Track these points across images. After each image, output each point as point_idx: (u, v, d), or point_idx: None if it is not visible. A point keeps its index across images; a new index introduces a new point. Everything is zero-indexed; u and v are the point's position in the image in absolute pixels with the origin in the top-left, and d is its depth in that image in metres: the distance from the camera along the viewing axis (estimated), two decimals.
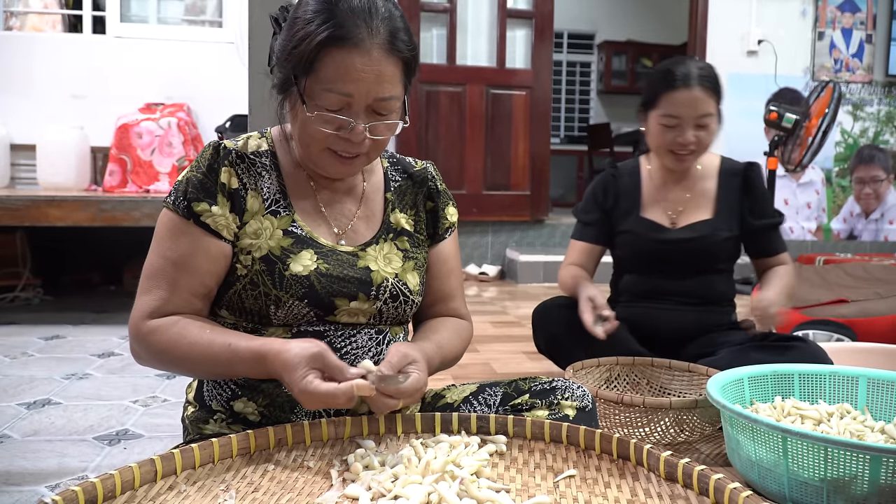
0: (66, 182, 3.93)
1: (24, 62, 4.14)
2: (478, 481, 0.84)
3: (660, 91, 1.86)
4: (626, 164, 2.11)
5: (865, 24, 5.24)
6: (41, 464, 1.60)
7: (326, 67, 0.99)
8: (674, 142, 1.86)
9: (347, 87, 0.99)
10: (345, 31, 0.98)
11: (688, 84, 1.81)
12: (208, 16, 4.54)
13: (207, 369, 1.02)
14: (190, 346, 1.00)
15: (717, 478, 0.80)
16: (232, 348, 0.98)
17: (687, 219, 1.96)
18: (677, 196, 1.99)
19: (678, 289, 1.93)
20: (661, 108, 1.86)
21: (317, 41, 0.98)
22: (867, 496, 1.16)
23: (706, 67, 1.86)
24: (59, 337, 2.92)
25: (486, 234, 4.98)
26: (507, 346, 2.82)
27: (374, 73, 0.99)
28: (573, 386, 1.12)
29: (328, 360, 0.94)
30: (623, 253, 2.04)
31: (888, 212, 5.45)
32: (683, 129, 1.84)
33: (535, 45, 4.97)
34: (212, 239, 1.04)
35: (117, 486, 0.79)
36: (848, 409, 1.49)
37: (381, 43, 1.00)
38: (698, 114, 1.83)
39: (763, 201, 1.97)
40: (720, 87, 1.87)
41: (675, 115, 1.84)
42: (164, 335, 1.01)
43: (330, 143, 1.03)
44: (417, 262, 1.18)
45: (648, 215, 1.99)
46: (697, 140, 1.85)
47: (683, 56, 1.93)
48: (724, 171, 1.98)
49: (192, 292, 1.04)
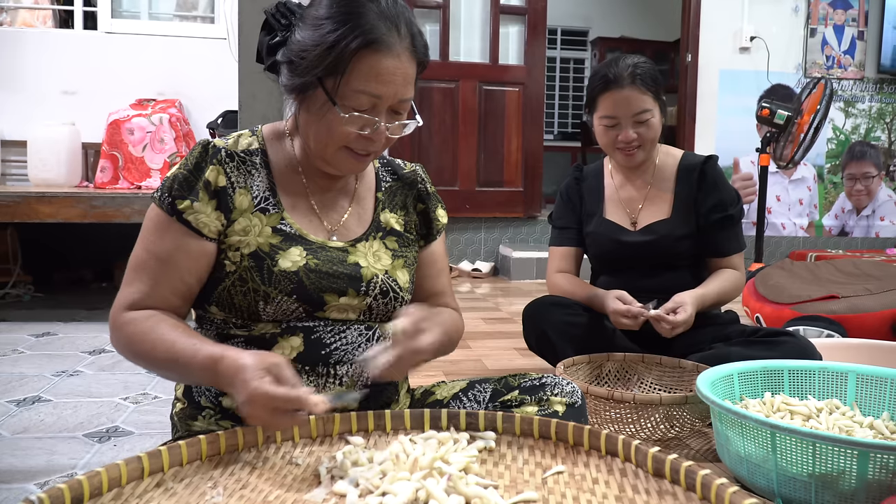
0: (58, 178, 3.91)
1: (15, 58, 4.12)
2: (466, 478, 0.84)
3: (595, 93, 1.89)
4: (591, 166, 2.14)
5: (857, 21, 5.26)
6: (31, 461, 1.60)
7: (360, 70, 1.00)
8: (617, 140, 1.89)
9: (379, 90, 1.01)
10: (379, 35, 1.00)
11: (620, 84, 1.83)
12: (200, 11, 4.52)
13: (166, 367, 0.99)
14: (155, 340, 0.99)
15: (704, 473, 0.80)
16: (194, 348, 0.96)
17: (646, 218, 1.97)
18: (636, 195, 2.00)
19: (650, 286, 1.93)
20: (599, 110, 1.89)
21: (354, 45, 0.99)
22: (855, 491, 1.17)
23: (641, 64, 1.86)
24: (49, 334, 2.91)
25: (479, 230, 4.98)
26: (499, 343, 2.82)
27: (402, 75, 1.02)
28: (563, 382, 1.13)
29: (284, 371, 0.89)
30: (591, 254, 2.08)
31: (879, 208, 5.47)
32: (623, 128, 1.87)
33: (528, 42, 4.97)
34: (193, 237, 1.04)
35: (104, 483, 0.78)
36: (837, 405, 1.50)
37: (408, 46, 1.03)
38: (634, 112, 1.85)
39: (716, 196, 1.92)
40: (657, 81, 1.87)
41: (612, 116, 1.87)
42: (137, 327, 1.01)
43: (351, 141, 1.05)
44: (407, 260, 1.18)
45: (610, 216, 2.01)
46: (639, 136, 1.87)
47: (619, 54, 1.94)
48: (682, 167, 1.98)
49: (171, 289, 1.04)
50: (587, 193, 2.07)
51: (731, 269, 1.94)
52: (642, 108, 1.85)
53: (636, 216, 1.99)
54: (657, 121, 1.88)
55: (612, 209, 2.02)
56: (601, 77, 1.88)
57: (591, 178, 2.09)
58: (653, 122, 1.87)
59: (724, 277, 1.92)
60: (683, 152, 2.03)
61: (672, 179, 1.98)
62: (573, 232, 2.08)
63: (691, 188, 1.95)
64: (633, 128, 1.86)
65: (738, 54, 5.13)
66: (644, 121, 1.86)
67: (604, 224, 2.01)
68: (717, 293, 1.87)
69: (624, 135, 1.87)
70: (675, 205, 1.96)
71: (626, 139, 1.87)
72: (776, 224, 5.29)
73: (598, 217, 2.03)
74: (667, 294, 1.89)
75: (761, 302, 2.86)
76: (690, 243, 1.94)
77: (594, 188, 2.07)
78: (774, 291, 2.84)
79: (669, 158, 2.01)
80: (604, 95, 1.87)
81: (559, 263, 2.08)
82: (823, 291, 2.71)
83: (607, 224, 2.00)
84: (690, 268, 1.97)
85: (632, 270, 1.98)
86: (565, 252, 2.09)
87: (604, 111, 1.88)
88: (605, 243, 2.00)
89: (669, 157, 2.01)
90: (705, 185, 1.94)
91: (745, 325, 1.94)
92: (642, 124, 1.86)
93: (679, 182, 1.97)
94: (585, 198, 2.07)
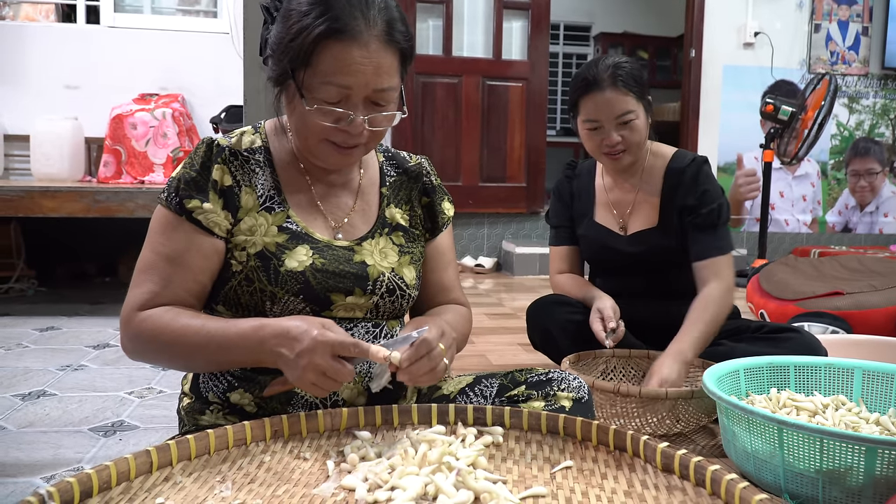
0: (61, 173, 3.91)
1: (18, 52, 4.12)
2: (474, 472, 0.84)
3: (576, 97, 1.83)
4: (585, 163, 2.09)
5: (862, 17, 5.24)
6: (36, 455, 1.60)
7: (325, 60, 0.98)
8: (601, 144, 1.83)
9: (346, 80, 0.98)
10: (342, 24, 0.97)
11: (600, 87, 1.77)
12: (203, 6, 4.51)
13: (197, 352, 0.99)
14: (182, 328, 0.98)
15: (713, 469, 0.80)
16: (227, 325, 0.98)
17: (635, 224, 1.93)
18: (625, 199, 1.96)
19: (645, 287, 1.92)
20: (581, 114, 1.83)
21: (314, 34, 0.96)
22: (862, 487, 1.17)
23: (622, 64, 1.79)
24: (53, 328, 2.91)
25: (482, 226, 4.98)
26: (503, 338, 2.82)
27: (372, 65, 0.99)
28: (569, 377, 1.12)
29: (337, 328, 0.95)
30: (583, 255, 2.06)
31: (883, 204, 5.46)
32: (606, 131, 1.80)
33: (531, 37, 4.95)
34: (204, 236, 1.04)
35: (113, 477, 0.78)
36: (843, 401, 1.49)
37: (379, 34, 0.99)
38: (616, 114, 1.78)
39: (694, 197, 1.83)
40: (640, 81, 1.81)
41: (594, 119, 1.81)
42: (157, 321, 0.99)
43: (329, 134, 1.03)
44: (413, 256, 1.18)
45: (600, 219, 1.99)
46: (623, 140, 1.80)
47: (600, 56, 1.89)
48: (670, 169, 1.91)
49: (184, 288, 1.03)
50: (578, 192, 2.04)
51: (711, 284, 1.77)
52: (624, 110, 1.78)
53: (625, 221, 1.95)
54: (642, 122, 1.81)
55: (601, 212, 2.00)
56: (581, 79, 1.82)
57: (584, 177, 2.05)
58: (637, 123, 1.80)
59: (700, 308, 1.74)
60: (675, 152, 1.95)
61: (659, 183, 1.92)
62: (569, 230, 2.06)
63: (676, 192, 1.88)
64: (616, 130, 1.80)
65: (742, 50, 5.11)
66: (627, 122, 1.79)
67: (594, 228, 1.99)
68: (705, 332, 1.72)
69: (608, 139, 1.80)
70: (662, 211, 1.90)
71: (609, 143, 1.81)
72: (780, 220, 5.28)
73: (588, 220, 2.00)
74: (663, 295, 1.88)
75: (765, 298, 2.86)
76: (680, 250, 1.91)
77: (585, 188, 2.04)
78: (779, 288, 2.83)
79: (658, 160, 1.94)
80: (584, 98, 1.81)
81: (559, 264, 2.08)
82: (828, 288, 2.71)
83: (597, 228, 1.98)
84: (685, 267, 1.95)
85: (626, 274, 1.97)
86: (564, 252, 2.08)
87: (585, 115, 1.82)
88: (596, 249, 1.99)
89: (658, 158, 1.94)
90: (685, 187, 1.86)
91: (751, 322, 1.94)
92: (625, 126, 1.79)
93: (666, 185, 1.91)
94: (576, 196, 2.04)
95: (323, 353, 0.90)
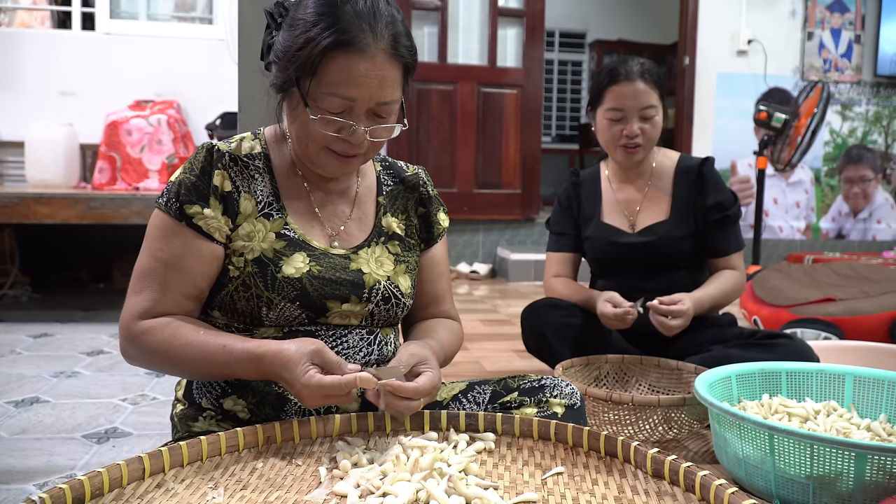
0: (55, 179, 3.91)
1: (13, 58, 4.11)
2: (466, 478, 0.85)
3: (604, 86, 1.91)
4: (588, 170, 2.15)
5: (854, 25, 5.27)
6: (29, 462, 1.60)
7: (331, 72, 0.99)
8: (620, 135, 1.90)
9: (351, 92, 1.00)
10: (350, 37, 0.98)
11: (630, 77, 1.87)
12: (198, 12, 4.52)
13: (201, 370, 1.01)
14: (184, 346, 0.99)
15: (703, 474, 0.81)
16: (227, 349, 0.98)
17: (644, 220, 1.98)
18: (634, 197, 2.01)
19: (648, 288, 1.94)
20: (606, 103, 1.91)
21: (322, 45, 0.97)
22: (853, 493, 1.17)
23: (647, 63, 1.91)
24: (47, 335, 2.91)
25: (478, 232, 4.98)
26: (497, 345, 2.82)
27: (377, 78, 1.00)
28: (562, 384, 1.13)
29: (326, 356, 0.95)
30: (590, 258, 2.09)
31: (876, 211, 5.48)
32: (628, 122, 1.88)
33: (526, 44, 4.97)
34: (204, 241, 1.04)
35: (105, 483, 0.79)
36: (835, 407, 1.50)
37: (385, 48, 1.00)
38: (641, 105, 1.87)
39: (714, 197, 1.93)
40: (662, 82, 1.92)
41: (619, 108, 1.88)
42: (158, 336, 1.00)
43: (329, 143, 1.04)
44: (409, 265, 1.18)
45: (608, 220, 2.02)
46: (643, 132, 1.89)
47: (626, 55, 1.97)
48: (680, 169, 1.99)
49: (183, 293, 1.04)
50: (585, 198, 2.08)
51: (731, 270, 1.95)
52: (649, 104, 1.87)
53: (634, 218, 1.99)
54: (660, 120, 1.90)
55: (609, 213, 2.03)
56: (609, 70, 1.90)
57: (589, 183, 2.10)
58: (657, 119, 1.89)
59: (723, 279, 1.92)
60: (680, 154, 2.04)
61: (670, 181, 1.99)
62: (570, 238, 2.09)
63: (689, 190, 1.96)
64: (638, 122, 1.88)
65: (736, 57, 5.14)
66: (649, 117, 1.88)
67: (602, 228, 2.01)
68: (717, 295, 1.88)
69: (629, 129, 1.88)
70: (674, 206, 1.96)
71: (630, 133, 1.88)
72: (773, 227, 5.30)
73: (595, 221, 2.03)
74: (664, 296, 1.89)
75: (759, 304, 2.87)
76: (689, 244, 1.94)
77: (591, 193, 2.07)
78: (772, 294, 2.85)
79: (667, 160, 2.02)
80: (612, 88, 1.89)
81: (556, 269, 2.09)
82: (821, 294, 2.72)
83: (605, 227, 2.01)
84: (688, 269, 1.97)
85: (630, 273, 1.99)
86: (562, 258, 2.10)
87: (611, 103, 1.89)
88: (603, 246, 2.01)
89: (667, 158, 2.02)
90: (704, 187, 1.94)
91: (743, 328, 1.95)
92: (647, 121, 1.88)
93: (677, 183, 1.97)
94: (583, 202, 2.08)
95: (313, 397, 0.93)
